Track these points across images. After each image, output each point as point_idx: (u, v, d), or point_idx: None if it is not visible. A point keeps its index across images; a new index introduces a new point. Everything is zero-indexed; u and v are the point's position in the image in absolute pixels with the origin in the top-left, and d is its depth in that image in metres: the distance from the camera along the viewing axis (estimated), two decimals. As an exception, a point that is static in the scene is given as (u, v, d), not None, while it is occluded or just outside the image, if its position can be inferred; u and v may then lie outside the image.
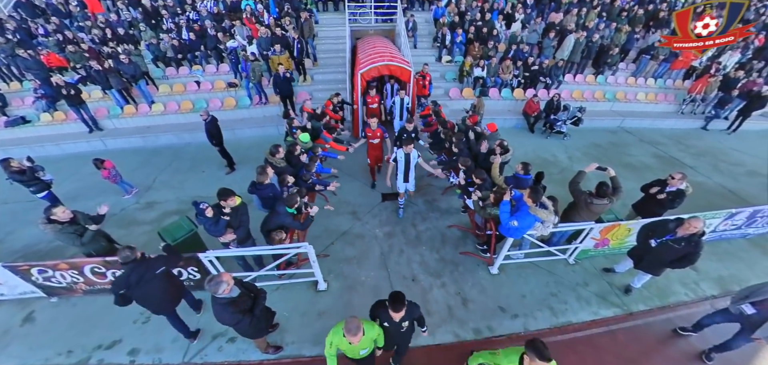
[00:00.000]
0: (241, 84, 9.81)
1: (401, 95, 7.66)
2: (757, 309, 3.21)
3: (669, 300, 4.63)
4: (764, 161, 9.10)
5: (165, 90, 9.79)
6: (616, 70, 11.77)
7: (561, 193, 5.22)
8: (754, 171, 8.56)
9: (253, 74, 9.14)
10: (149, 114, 9.28)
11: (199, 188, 6.75)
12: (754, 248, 5.65)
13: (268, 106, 9.75)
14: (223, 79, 10.08)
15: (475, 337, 4.09)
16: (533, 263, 5.07)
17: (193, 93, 9.83)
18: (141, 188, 6.89)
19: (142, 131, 8.97)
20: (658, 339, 4.17)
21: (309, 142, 5.75)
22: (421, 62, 9.56)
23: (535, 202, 3.79)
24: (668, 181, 4.62)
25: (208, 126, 6.78)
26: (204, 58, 10.38)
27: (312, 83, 10.39)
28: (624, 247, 5.17)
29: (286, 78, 8.68)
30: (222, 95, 9.89)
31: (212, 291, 2.60)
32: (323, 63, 10.99)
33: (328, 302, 4.44)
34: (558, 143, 9.48)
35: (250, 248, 4.08)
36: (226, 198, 3.87)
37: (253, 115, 9.74)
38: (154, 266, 3.29)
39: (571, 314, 4.41)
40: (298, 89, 9.93)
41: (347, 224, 5.84)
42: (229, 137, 8.82)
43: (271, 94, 9.60)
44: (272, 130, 9.20)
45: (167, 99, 9.63)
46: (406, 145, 5.07)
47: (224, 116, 9.39)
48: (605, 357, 3.94)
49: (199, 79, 10.03)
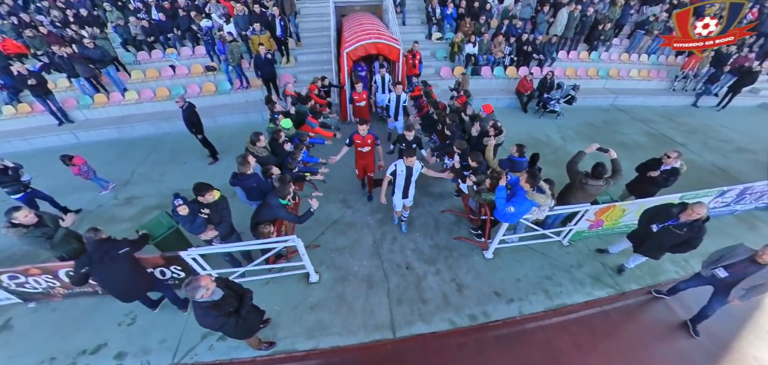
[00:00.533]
0: (219, 68, 9.45)
1: (397, 90, 6.67)
2: (730, 273, 3.41)
3: (660, 279, 4.79)
4: (752, 137, 9.45)
5: (138, 76, 9.33)
6: (609, 46, 11.79)
7: (554, 174, 5.28)
8: (742, 148, 8.85)
9: (231, 56, 8.78)
10: (123, 103, 8.87)
11: (181, 181, 6.56)
12: (741, 224, 5.88)
13: (250, 90, 9.44)
14: (201, 62, 9.66)
15: (471, 323, 4.16)
16: (528, 247, 5.15)
17: (168, 79, 9.41)
18: (118, 182, 6.65)
19: (116, 122, 8.59)
20: (650, 316, 4.34)
21: (292, 128, 5.59)
22: (410, 40, 9.35)
23: (532, 186, 3.78)
24: (663, 160, 4.70)
25: (185, 114, 6.52)
26: (177, 41, 9.90)
27: (295, 65, 10.08)
28: (617, 228, 5.31)
29: (268, 59, 8.39)
30: (200, 80, 9.52)
31: (190, 296, 2.52)
32: (307, 43, 10.65)
33: (320, 294, 4.43)
34: (551, 123, 9.55)
35: (235, 244, 3.99)
36: (203, 193, 3.74)
37: (234, 100, 9.44)
38: (118, 246, 3.35)
39: (565, 296, 4.52)
40: (280, 71, 9.63)
41: (338, 212, 5.79)
42: (209, 125, 8.55)
43: (252, 77, 9.28)
44: (256, 116, 8.97)
45: (141, 86, 9.20)
46: (408, 157, 4.21)
47: (203, 103, 9.11)
48: (599, 337, 4.08)
49: (174, 64, 9.58)
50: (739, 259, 3.36)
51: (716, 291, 3.64)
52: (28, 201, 5.30)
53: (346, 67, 7.67)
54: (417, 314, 4.23)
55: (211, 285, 2.60)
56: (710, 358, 3.91)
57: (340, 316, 4.16)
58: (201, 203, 3.82)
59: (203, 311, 2.62)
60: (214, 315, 2.65)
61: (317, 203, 4.05)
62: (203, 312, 2.63)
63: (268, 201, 3.87)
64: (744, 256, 3.34)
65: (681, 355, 3.92)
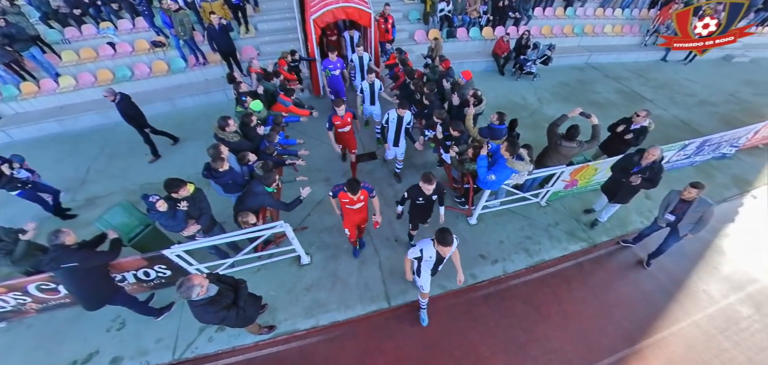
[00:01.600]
0: (169, 43, 8.98)
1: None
2: (674, 215, 4.28)
3: (628, 229, 5.65)
4: (713, 89, 10.68)
5: (70, 58, 8.65)
6: (585, 1, 12.45)
7: (532, 137, 5.84)
8: (704, 100, 10.03)
9: (181, 28, 8.22)
10: (58, 91, 8.27)
11: (147, 174, 6.48)
12: (699, 174, 6.84)
13: (209, 67, 9.14)
14: (145, 37, 9.13)
15: (459, 287, 4.74)
16: (509, 210, 5.79)
17: (109, 58, 8.82)
18: (74, 182, 6.46)
19: (55, 113, 8.05)
20: (618, 263, 5.20)
21: (263, 110, 5.59)
22: (381, 2, 9.33)
23: (512, 155, 4.28)
24: (633, 119, 5.38)
25: (121, 108, 6.11)
26: (112, 13, 9.23)
27: (256, 35, 9.82)
28: (590, 185, 6.05)
29: (223, 28, 7.99)
30: (148, 59, 9.03)
31: (185, 297, 2.58)
32: (266, 9, 10.35)
33: (314, 275, 4.81)
34: (528, 85, 10.18)
35: (220, 236, 4.09)
36: (177, 189, 3.74)
37: (191, 79, 9.11)
38: (65, 259, 3.27)
39: (544, 252, 5.24)
40: (241, 44, 9.38)
41: (322, 191, 6.02)
42: (167, 110, 8.42)
43: (208, 52, 8.91)
44: (219, 95, 8.81)
45: (77, 69, 8.59)
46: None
47: (157, 84, 8.87)
48: (574, 286, 4.86)
49: (112, 40, 8.96)
50: (676, 202, 4.23)
51: (671, 231, 4.50)
52: (30, 197, 5.25)
53: (315, 35, 7.61)
54: (409, 283, 4.68)
55: (205, 283, 2.70)
56: (667, 294, 4.82)
57: (335, 293, 4.59)
58: (175, 199, 3.83)
59: (201, 309, 2.74)
60: (213, 310, 2.80)
61: (309, 190, 4.20)
62: (202, 310, 2.74)
63: (252, 189, 4.01)
64: (677, 198, 4.21)
65: (644, 295, 4.80)
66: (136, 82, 8.70)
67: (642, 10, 13.02)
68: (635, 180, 4.43)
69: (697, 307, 4.69)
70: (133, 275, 4.22)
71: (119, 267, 4.08)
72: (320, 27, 7.56)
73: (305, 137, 6.62)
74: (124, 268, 4.12)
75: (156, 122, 6.84)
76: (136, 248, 4.43)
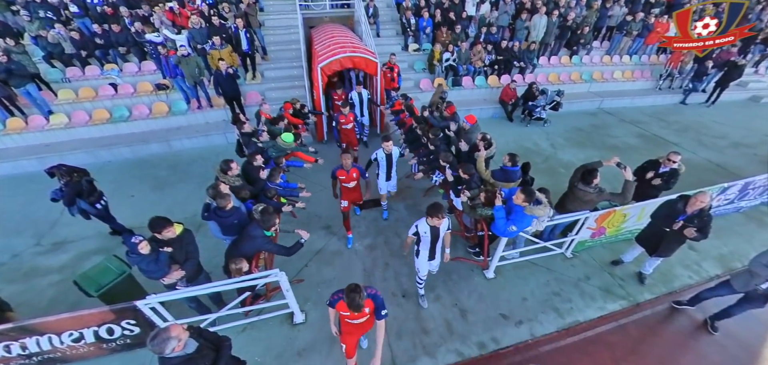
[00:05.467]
0: (173, 86, 9.13)
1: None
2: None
3: (674, 285, 5.05)
4: (746, 131, 10.41)
5: (67, 96, 8.77)
6: (590, 49, 12.83)
7: (547, 182, 5.52)
8: (737, 142, 9.75)
9: (187, 72, 8.40)
10: (47, 128, 8.23)
11: (129, 217, 6.06)
12: (750, 222, 6.36)
13: (210, 110, 9.22)
14: (149, 80, 9.34)
15: (481, 353, 4.13)
16: (530, 262, 5.28)
17: (108, 98, 8.94)
18: (44, 224, 6.10)
19: (37, 151, 7.89)
20: (668, 325, 4.53)
21: (292, 143, 5.91)
22: (386, 52, 9.66)
23: (528, 202, 3.95)
24: (663, 162, 5.07)
25: None
26: (119, 56, 9.52)
27: (262, 81, 10.06)
28: (621, 234, 5.57)
29: (230, 76, 8.27)
30: (149, 100, 9.14)
31: (157, 352, 2.33)
32: (274, 57, 10.70)
33: (308, 336, 4.24)
34: (539, 130, 10.08)
35: (205, 286, 3.71)
36: (161, 229, 3.50)
37: (191, 121, 9.12)
38: None
39: (577, 312, 4.63)
40: (246, 89, 9.58)
41: (321, 241, 5.68)
42: (162, 150, 8.35)
43: (212, 95, 9.11)
44: (219, 139, 8.73)
45: (72, 108, 8.64)
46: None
47: (154, 126, 8.89)
48: (621, 355, 4.17)
49: (115, 81, 9.17)
50: None
51: (750, 299, 3.88)
52: None
53: (321, 83, 7.76)
54: (420, 347, 4.16)
55: (184, 336, 2.44)
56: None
57: (332, 359, 3.98)
58: (160, 241, 3.58)
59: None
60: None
61: (308, 235, 3.99)
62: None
63: (250, 233, 3.77)
64: None
65: (713, 369, 4.06)
66: (133, 122, 8.73)
67: (651, 56, 13.32)
68: (689, 233, 3.95)
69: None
70: (93, 333, 3.66)
71: (80, 323, 3.57)
72: (327, 75, 7.73)
73: (306, 182, 6.34)
74: (86, 323, 3.60)
75: (150, 163, 6.65)
76: (104, 300, 3.98)
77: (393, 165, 5.53)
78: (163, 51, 8.55)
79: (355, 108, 7.89)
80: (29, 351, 3.61)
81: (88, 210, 5.23)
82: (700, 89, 12.49)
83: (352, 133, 6.47)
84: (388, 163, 5.47)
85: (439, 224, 3.71)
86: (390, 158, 5.42)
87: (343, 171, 4.96)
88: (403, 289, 4.89)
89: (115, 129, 8.61)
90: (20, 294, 4.70)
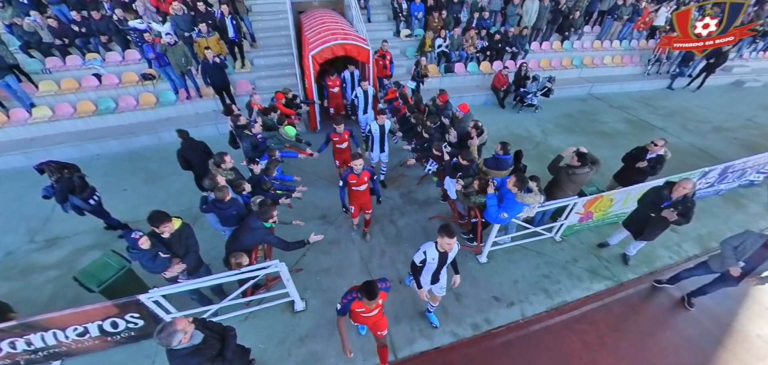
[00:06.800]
0: (159, 76, 9.00)
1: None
2: (747, 262, 3.89)
3: (656, 265, 5.39)
4: (728, 115, 10.85)
5: (49, 88, 8.56)
6: (581, 34, 13.01)
7: (538, 169, 5.74)
8: (720, 127, 10.17)
9: (173, 60, 8.29)
10: (30, 121, 8.08)
11: (124, 211, 6.11)
12: (727, 204, 6.73)
13: (200, 100, 9.14)
14: (135, 69, 9.16)
15: (474, 333, 4.39)
16: (521, 246, 5.54)
17: (92, 89, 8.77)
18: (36, 220, 6.10)
19: (22, 146, 7.79)
20: (653, 305, 4.87)
21: (295, 135, 6.12)
22: (378, 39, 9.64)
23: (520, 189, 4.17)
24: (649, 148, 5.32)
25: None
26: (101, 45, 9.28)
27: (252, 70, 9.96)
28: (608, 218, 5.87)
29: (217, 65, 8.16)
30: (135, 91, 9.01)
31: (164, 344, 2.40)
32: (263, 44, 10.58)
33: (309, 323, 4.42)
34: (530, 117, 10.30)
35: (206, 279, 3.82)
36: (160, 224, 3.57)
37: (181, 112, 9.05)
38: None
39: (565, 293, 4.93)
40: (235, 78, 9.49)
41: (317, 230, 5.70)
42: (152, 142, 8.30)
43: (201, 85, 8.94)
44: (210, 129, 8.66)
45: (56, 100, 8.48)
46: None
47: (142, 117, 8.80)
48: (604, 331, 4.49)
49: (98, 72, 8.98)
50: (755, 248, 3.82)
51: (724, 278, 4.16)
52: None
53: (313, 71, 7.75)
54: (417, 330, 4.38)
55: (189, 328, 2.53)
56: (715, 341, 4.43)
57: (333, 344, 4.17)
58: (159, 235, 3.64)
59: (182, 359, 2.55)
60: (196, 362, 2.59)
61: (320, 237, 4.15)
62: (182, 361, 2.55)
63: (249, 225, 3.84)
64: (758, 243, 3.81)
65: (689, 342, 4.40)
66: (121, 114, 8.63)
67: (641, 41, 13.59)
68: (671, 217, 4.21)
69: (753, 355, 4.31)
70: (97, 327, 3.78)
71: (83, 318, 3.67)
72: (319, 63, 7.71)
73: (300, 172, 6.44)
74: (89, 318, 3.71)
75: (141, 156, 6.63)
76: (106, 295, 4.08)
77: (385, 136, 6.10)
78: (149, 37, 8.36)
79: (359, 101, 7.80)
80: (34, 347, 3.71)
81: (82, 206, 5.23)
82: (687, 74, 12.86)
83: (347, 152, 6.19)
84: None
85: (450, 249, 3.33)
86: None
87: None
88: (399, 276, 5.09)
89: (102, 121, 8.50)
90: (18, 292, 4.77)
